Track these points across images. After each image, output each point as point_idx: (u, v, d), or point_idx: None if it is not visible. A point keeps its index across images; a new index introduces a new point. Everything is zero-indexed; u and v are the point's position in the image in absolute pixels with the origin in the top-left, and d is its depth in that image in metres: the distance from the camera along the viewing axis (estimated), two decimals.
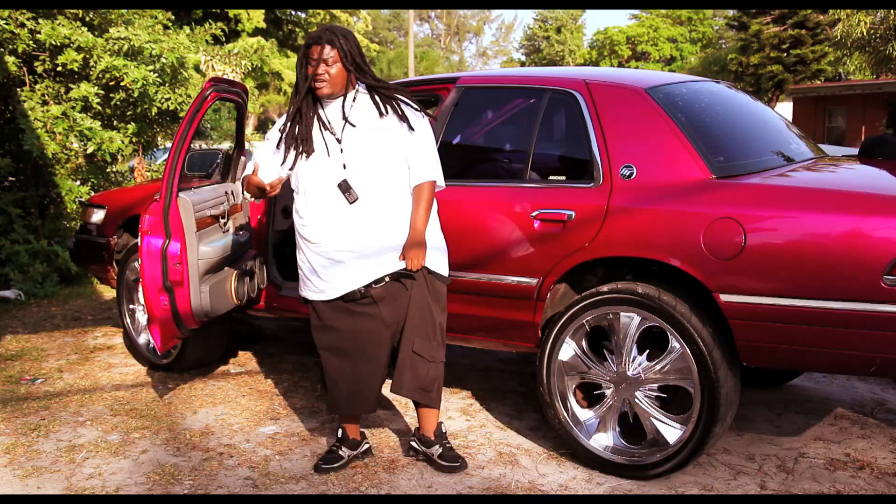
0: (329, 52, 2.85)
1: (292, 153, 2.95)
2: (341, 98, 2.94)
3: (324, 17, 28.33)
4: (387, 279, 2.93)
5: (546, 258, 3.19)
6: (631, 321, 3.02)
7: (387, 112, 2.92)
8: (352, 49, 2.88)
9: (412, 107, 2.98)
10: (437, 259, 3.02)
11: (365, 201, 2.88)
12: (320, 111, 2.94)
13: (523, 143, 3.54)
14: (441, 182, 3.02)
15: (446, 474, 3.10)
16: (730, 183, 2.95)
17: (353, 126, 2.91)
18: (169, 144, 7.49)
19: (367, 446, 3.24)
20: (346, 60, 2.87)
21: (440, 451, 3.14)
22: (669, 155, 3.06)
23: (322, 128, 2.92)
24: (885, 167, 3.43)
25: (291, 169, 2.98)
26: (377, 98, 2.94)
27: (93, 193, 6.67)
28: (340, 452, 3.16)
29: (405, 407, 3.80)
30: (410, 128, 2.93)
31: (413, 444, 3.23)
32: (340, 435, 3.19)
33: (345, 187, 2.87)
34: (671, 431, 3.00)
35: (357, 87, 2.97)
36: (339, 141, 2.90)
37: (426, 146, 2.97)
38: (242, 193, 3.97)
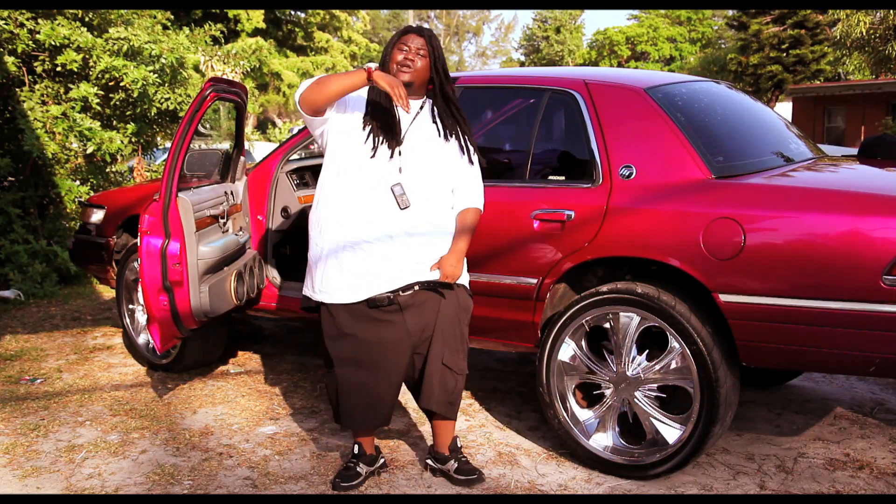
0: (423, 44, 2.83)
1: (367, 138, 2.83)
2: (417, 101, 2.91)
3: (323, 17, 28.35)
4: (416, 287, 2.86)
5: (545, 258, 3.19)
6: (630, 321, 3.02)
7: (449, 138, 2.90)
8: (442, 55, 2.88)
9: (472, 142, 2.97)
10: (468, 274, 3.01)
11: (415, 209, 2.82)
12: (394, 108, 2.86)
13: (523, 143, 3.54)
14: (481, 207, 3.00)
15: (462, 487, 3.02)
16: (729, 183, 2.95)
17: (416, 133, 2.86)
18: (168, 144, 7.49)
19: (382, 460, 3.13)
20: (436, 61, 2.85)
21: (456, 465, 3.05)
22: (669, 155, 3.06)
23: (389, 124, 2.85)
24: (884, 167, 3.44)
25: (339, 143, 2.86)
26: (443, 121, 2.91)
27: (92, 193, 6.67)
28: (358, 469, 3.02)
29: (405, 406, 3.80)
30: (470, 161, 2.93)
31: (428, 461, 3.13)
32: (357, 451, 3.05)
33: (399, 191, 2.80)
34: (671, 431, 3.01)
35: (428, 99, 2.94)
36: (399, 143, 2.83)
37: (478, 177, 2.97)
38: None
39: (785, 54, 27.37)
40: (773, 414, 3.78)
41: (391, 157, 2.82)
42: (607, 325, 3.08)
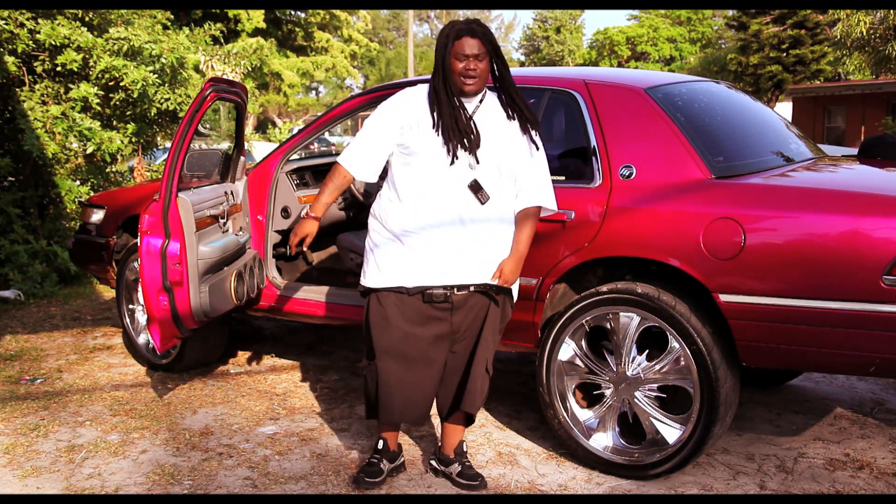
0: (481, 46, 2.70)
1: (439, 144, 2.74)
2: (476, 97, 2.81)
3: (323, 17, 28.36)
4: (472, 288, 2.82)
5: (545, 258, 3.19)
6: (630, 321, 3.02)
7: (513, 118, 2.80)
8: (498, 47, 2.77)
9: (535, 122, 2.85)
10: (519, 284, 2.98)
11: (494, 201, 2.77)
12: (462, 109, 2.77)
13: None
14: (554, 206, 2.89)
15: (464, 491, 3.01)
16: (729, 183, 2.95)
17: (483, 126, 2.78)
18: (168, 144, 7.49)
19: (402, 460, 3.13)
20: (494, 56, 2.75)
21: (459, 469, 3.04)
22: (669, 155, 3.06)
23: (458, 128, 2.74)
24: (884, 167, 3.44)
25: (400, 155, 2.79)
26: (506, 101, 2.81)
27: (92, 193, 6.67)
28: (381, 465, 3.03)
29: None
30: (531, 143, 2.82)
31: (432, 462, 3.14)
32: (381, 447, 3.06)
33: (476, 187, 2.74)
34: (671, 431, 3.01)
35: (487, 91, 2.84)
36: (471, 143, 2.74)
37: (544, 168, 2.87)
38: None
39: (785, 54, 27.37)
40: (773, 414, 3.78)
41: (457, 154, 2.74)
42: (607, 325, 3.08)
